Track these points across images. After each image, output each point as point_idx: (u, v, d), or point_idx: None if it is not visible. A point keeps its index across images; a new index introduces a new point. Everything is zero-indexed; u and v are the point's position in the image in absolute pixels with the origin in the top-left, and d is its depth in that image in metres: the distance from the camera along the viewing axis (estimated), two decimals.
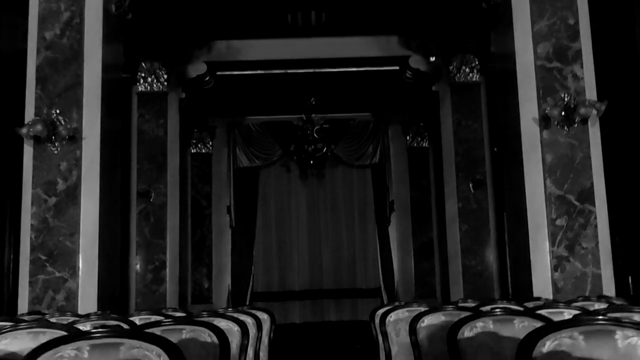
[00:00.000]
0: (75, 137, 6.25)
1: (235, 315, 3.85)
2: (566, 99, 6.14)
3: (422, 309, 3.85)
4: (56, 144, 6.19)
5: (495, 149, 9.50)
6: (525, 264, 6.22)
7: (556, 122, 6.14)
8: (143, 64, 9.98)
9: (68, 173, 6.24)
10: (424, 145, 13.17)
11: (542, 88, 6.31)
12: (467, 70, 9.95)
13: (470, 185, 9.61)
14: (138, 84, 9.99)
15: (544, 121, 6.22)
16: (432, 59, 9.97)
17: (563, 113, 6.11)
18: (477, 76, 9.97)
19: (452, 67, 10.00)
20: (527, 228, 6.17)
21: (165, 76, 9.98)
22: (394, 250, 13.26)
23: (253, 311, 4.65)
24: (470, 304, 4.63)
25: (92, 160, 6.31)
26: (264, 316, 4.90)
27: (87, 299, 6.13)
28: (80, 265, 6.15)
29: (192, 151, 13.10)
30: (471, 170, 9.70)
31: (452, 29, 9.79)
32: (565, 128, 6.15)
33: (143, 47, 9.84)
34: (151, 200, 9.78)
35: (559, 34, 6.37)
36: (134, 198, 9.85)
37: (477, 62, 9.97)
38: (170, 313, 4.92)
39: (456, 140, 9.80)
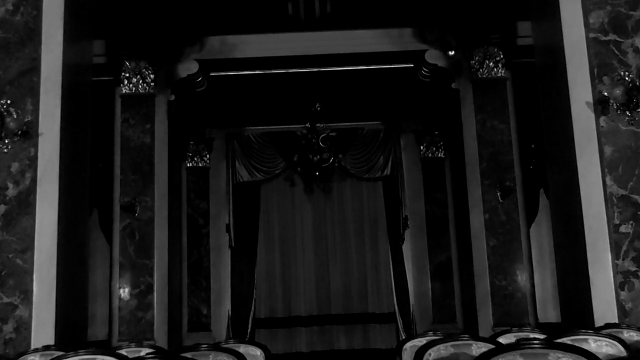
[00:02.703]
0: (29, 133, 5.15)
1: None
2: (627, 78, 5.01)
3: (475, 343, 2.67)
4: (6, 141, 5.10)
5: (533, 146, 8.44)
6: (581, 283, 5.05)
7: (615, 106, 5.03)
8: (127, 63, 8.92)
9: (20, 176, 5.15)
10: (439, 155, 12.16)
11: (596, 66, 5.21)
12: (492, 64, 8.87)
13: (498, 193, 8.48)
14: (122, 85, 8.92)
15: (601, 106, 5.10)
16: (451, 53, 8.92)
17: (624, 95, 4.98)
18: (503, 71, 8.89)
19: (474, 62, 8.93)
20: (583, 238, 5.02)
21: (152, 76, 8.92)
22: (408, 271, 12.17)
23: (241, 346, 3.49)
24: (537, 334, 3.46)
25: (50, 160, 5.20)
26: (255, 352, 3.73)
27: (43, 329, 4.98)
28: (35, 289, 5.03)
29: (188, 165, 12.15)
30: (498, 176, 8.58)
31: (473, 19, 8.78)
32: (627, 113, 5.02)
33: (127, 44, 8.85)
34: (136, 214, 8.66)
35: (615, 1, 5.27)
36: (117, 212, 8.74)
37: (502, 56, 8.90)
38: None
39: (480, 143, 8.70)
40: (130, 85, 8.93)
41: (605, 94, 5.03)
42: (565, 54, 5.27)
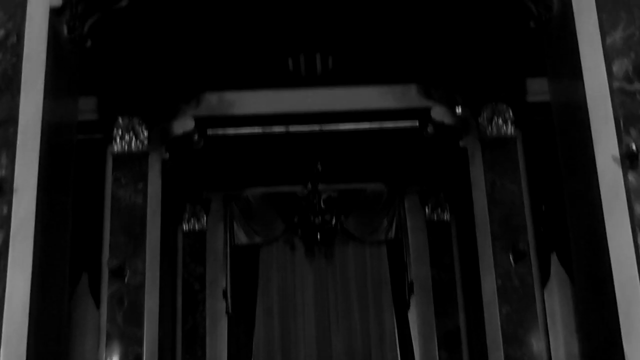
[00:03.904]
0: (2, 188, 4.70)
1: None
2: None
3: None
4: None
5: (543, 207, 8.03)
6: (614, 357, 4.50)
7: None
8: (120, 120, 8.55)
9: None
10: (445, 217, 11.75)
11: (622, 117, 4.78)
12: (501, 122, 8.51)
13: (511, 257, 8.00)
14: (113, 143, 8.54)
15: (628, 160, 4.65)
16: (459, 110, 8.59)
17: None
18: (512, 129, 8.53)
19: (482, 120, 8.57)
20: (614, 306, 4.48)
21: (146, 133, 8.54)
22: (414, 339, 11.61)
23: None
24: None
25: (25, 219, 4.72)
26: None
27: None
28: None
29: (184, 227, 11.71)
30: (511, 239, 8.11)
31: (481, 76, 8.48)
32: None
33: (120, 100, 8.50)
34: (125, 280, 8.15)
35: None
36: (105, 277, 8.24)
37: (511, 113, 8.55)
38: None
39: (491, 204, 8.26)
40: (123, 143, 8.54)
41: (634, 147, 4.60)
42: (589, 107, 4.85)
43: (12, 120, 4.88)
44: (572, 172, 5.32)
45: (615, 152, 4.73)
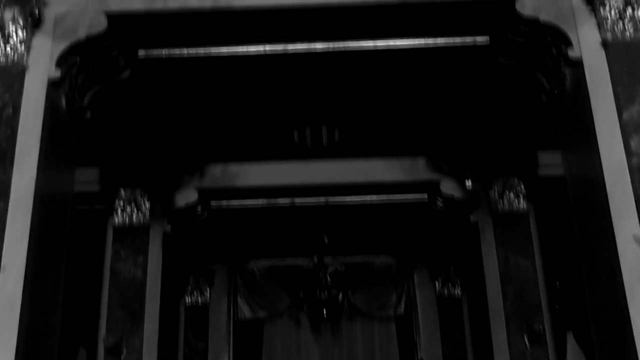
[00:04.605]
0: None
1: None
2: None
3: None
4: None
5: (558, 284, 7.72)
6: None
7: None
8: (122, 191, 8.39)
9: None
10: (456, 293, 11.37)
11: None
12: (512, 196, 8.29)
13: (526, 338, 7.63)
14: (115, 214, 8.34)
15: None
16: (469, 183, 8.36)
17: None
18: (524, 204, 8.31)
19: (493, 194, 8.38)
20: None
21: (148, 205, 8.36)
22: None
23: None
24: None
25: (11, 299, 4.45)
26: None
27: None
28: None
29: (187, 301, 11.38)
30: (525, 318, 7.76)
31: (491, 149, 8.28)
32: None
33: (122, 172, 8.35)
34: (122, 357, 7.82)
35: None
36: (101, 355, 7.90)
37: (523, 187, 8.34)
38: None
39: (504, 282, 7.97)
40: (124, 215, 8.36)
41: None
42: (606, 184, 4.61)
43: (2, 194, 4.67)
44: (590, 250, 5.03)
45: (636, 230, 4.46)
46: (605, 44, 4.84)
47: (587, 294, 5.15)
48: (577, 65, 4.91)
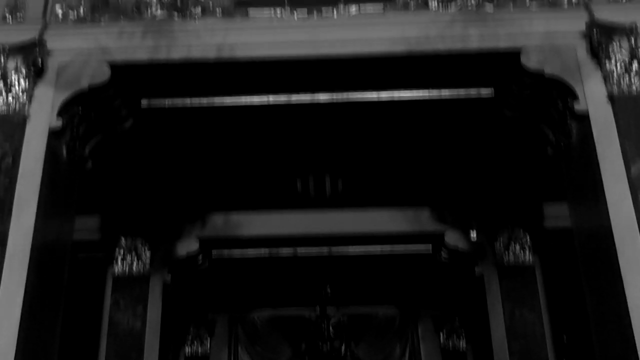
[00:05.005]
0: None
1: None
2: None
3: None
4: None
5: (565, 338, 7.54)
6: None
7: None
8: (123, 240, 8.29)
9: None
10: (461, 345, 11.17)
11: None
12: (517, 248, 8.16)
13: None
14: (115, 263, 8.23)
15: None
16: (473, 235, 8.24)
17: None
18: (530, 256, 8.17)
19: (498, 245, 8.25)
20: None
21: (149, 254, 8.25)
22: None
23: None
24: None
25: (4, 354, 4.34)
26: None
27: None
28: None
29: (187, 351, 11.19)
30: None
31: (496, 200, 8.18)
32: None
33: (123, 220, 8.26)
34: None
35: None
36: None
37: (528, 239, 8.21)
38: None
39: (510, 335, 7.79)
40: (124, 264, 8.24)
41: None
42: (615, 237, 4.52)
43: (1, 243, 4.59)
44: (599, 304, 4.90)
45: None
46: (611, 97, 4.78)
47: (595, 349, 5.00)
48: (584, 118, 4.85)
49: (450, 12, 5.19)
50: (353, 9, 5.22)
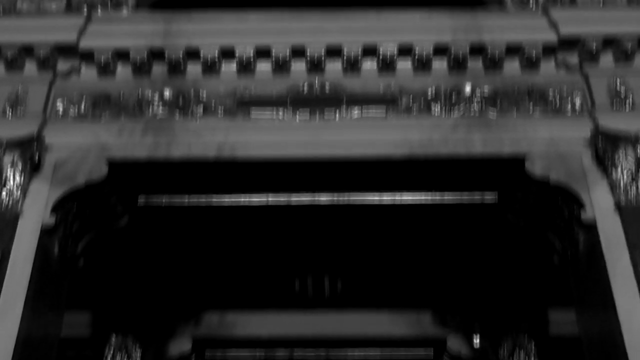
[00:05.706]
0: None
1: None
2: None
3: None
4: None
5: None
6: None
7: None
8: (113, 338, 7.99)
9: None
10: None
11: None
12: (522, 355, 7.86)
13: None
14: None
15: None
16: (476, 341, 7.97)
17: None
18: None
19: (502, 352, 7.94)
20: None
21: (139, 353, 7.93)
22: None
23: None
24: None
25: None
26: None
27: None
28: None
29: None
30: None
31: (500, 304, 7.95)
32: None
33: (114, 317, 7.99)
34: None
35: None
36: None
37: (533, 346, 7.92)
38: None
39: None
40: None
41: None
42: (626, 346, 4.33)
43: None
44: None
45: None
46: (619, 207, 4.69)
47: None
48: (591, 228, 4.74)
49: (453, 117, 5.17)
50: (355, 111, 5.20)
